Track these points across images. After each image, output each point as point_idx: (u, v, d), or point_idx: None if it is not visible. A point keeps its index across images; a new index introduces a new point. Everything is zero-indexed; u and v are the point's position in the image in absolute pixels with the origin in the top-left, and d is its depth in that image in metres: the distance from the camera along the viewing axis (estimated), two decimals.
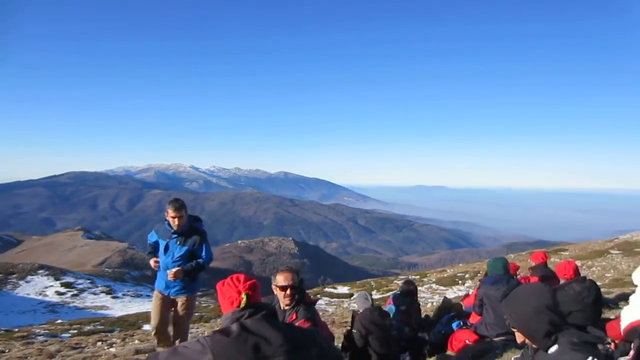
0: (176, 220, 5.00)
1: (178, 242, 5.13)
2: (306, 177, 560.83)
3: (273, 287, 3.79)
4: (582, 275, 5.42)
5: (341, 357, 2.63)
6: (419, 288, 21.88)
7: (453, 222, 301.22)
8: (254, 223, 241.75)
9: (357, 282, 31.98)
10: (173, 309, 5.30)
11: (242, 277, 2.32)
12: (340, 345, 5.09)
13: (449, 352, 5.22)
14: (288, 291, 3.69)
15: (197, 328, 14.27)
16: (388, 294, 21.25)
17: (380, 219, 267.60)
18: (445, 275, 26.71)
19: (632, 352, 3.00)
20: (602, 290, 12.02)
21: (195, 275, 5.25)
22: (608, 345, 4.00)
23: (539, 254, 7.53)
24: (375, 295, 23.32)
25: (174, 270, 4.94)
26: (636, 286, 3.17)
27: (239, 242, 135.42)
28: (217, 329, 2.20)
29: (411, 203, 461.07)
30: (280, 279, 3.72)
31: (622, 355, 3.17)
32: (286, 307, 3.76)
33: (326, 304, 22.23)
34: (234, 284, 2.26)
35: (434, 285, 23.26)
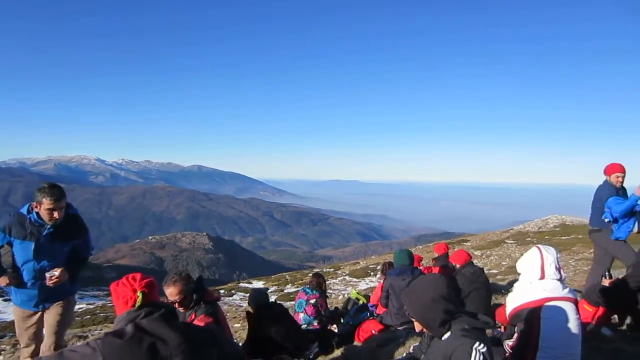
0: (55, 212, 3.78)
1: (55, 239, 3.94)
2: (221, 170, 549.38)
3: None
4: (472, 262, 6.17)
5: (243, 356, 2.56)
6: (333, 281, 22.51)
7: (366, 216, 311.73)
8: (166, 218, 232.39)
9: (273, 276, 31.95)
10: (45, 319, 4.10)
11: (138, 275, 2.20)
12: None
13: (356, 343, 5.38)
14: (176, 305, 3.60)
15: (101, 329, 13.43)
16: (300, 288, 21.49)
17: (296, 213, 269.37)
18: (358, 267, 27.48)
19: (515, 335, 3.27)
20: (498, 277, 13.13)
21: (78, 275, 4.22)
22: (499, 330, 4.37)
23: (441, 246, 8.04)
24: (290, 289, 23.46)
25: (57, 272, 3.82)
26: (519, 274, 3.45)
27: (150, 238, 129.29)
28: (110, 330, 2.06)
29: (326, 197, 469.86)
30: (167, 292, 3.61)
31: (508, 338, 3.46)
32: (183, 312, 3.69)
33: (241, 299, 21.97)
34: (129, 283, 2.14)
35: (347, 277, 23.84)
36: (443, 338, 2.48)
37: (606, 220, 5.53)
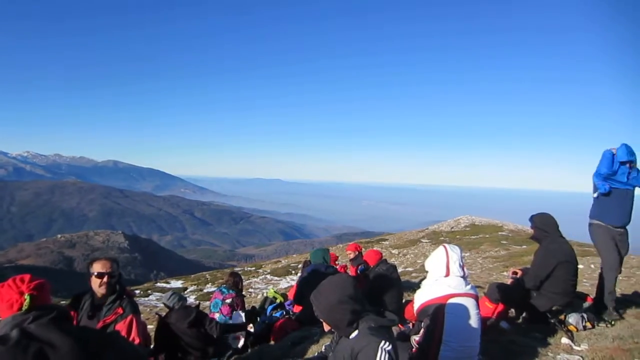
0: None
1: None
2: (139, 166, 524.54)
3: (88, 278, 3.48)
4: (385, 260, 6.42)
5: (143, 357, 2.39)
6: (254, 279, 22.31)
7: (288, 214, 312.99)
8: (76, 215, 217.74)
9: (192, 275, 30.96)
10: None
11: (27, 277, 2.06)
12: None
13: (271, 342, 5.36)
14: (105, 278, 3.40)
15: None
16: (215, 288, 21.09)
17: (218, 211, 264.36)
18: (279, 265, 27.41)
19: (422, 331, 3.42)
20: (413, 274, 13.71)
21: None
22: (409, 325, 4.55)
23: (353, 245, 8.26)
24: (210, 288, 22.92)
25: None
26: (427, 272, 3.62)
27: (59, 236, 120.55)
28: None
29: (249, 195, 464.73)
30: (98, 266, 3.43)
31: (415, 334, 3.61)
32: (102, 297, 3.45)
33: (157, 299, 21.09)
34: (15, 285, 1.99)
35: (268, 276, 23.71)
36: (350, 337, 2.54)
37: (595, 195, 5.18)
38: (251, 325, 6.44)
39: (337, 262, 7.43)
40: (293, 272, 24.05)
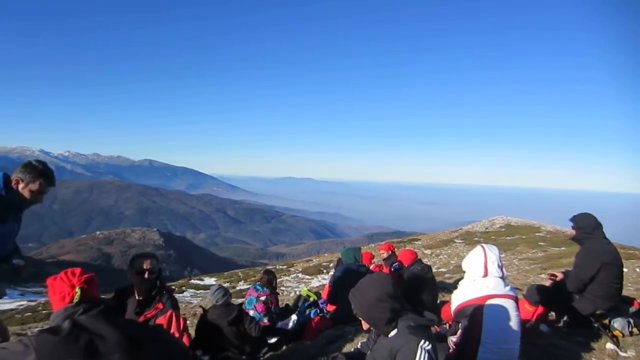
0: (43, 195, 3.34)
1: (16, 221, 3.49)
2: (173, 165, 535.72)
3: (129, 274, 3.56)
4: (420, 259, 6.33)
5: (187, 353, 2.47)
6: (285, 278, 22.44)
7: (319, 213, 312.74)
8: (114, 213, 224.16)
9: (225, 273, 31.48)
10: None
11: (77, 270, 2.13)
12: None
13: (305, 340, 5.38)
14: (145, 275, 3.48)
15: (42, 327, 12.78)
16: (250, 285, 21.28)
17: (250, 209, 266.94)
18: (311, 264, 27.49)
19: (459, 332, 3.37)
20: (446, 275, 13.51)
21: None
22: (445, 326, 4.49)
23: (386, 245, 8.19)
24: (243, 285, 23.20)
25: (22, 262, 3.52)
26: (465, 272, 3.56)
27: (98, 233, 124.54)
28: (45, 327, 1.98)
29: (280, 194, 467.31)
30: (138, 263, 3.52)
31: (452, 335, 3.56)
32: (142, 292, 3.54)
33: (191, 295, 21.52)
34: (67, 278, 2.06)
35: (300, 275, 23.81)
36: (389, 335, 2.52)
37: None
38: (285, 322, 6.48)
39: (372, 261, 7.38)
40: (324, 271, 24.07)
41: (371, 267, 6.72)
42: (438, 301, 6.16)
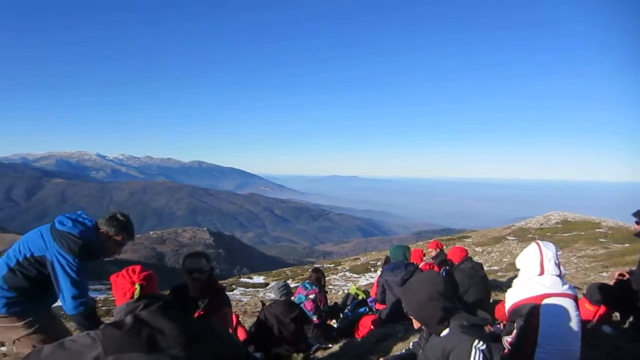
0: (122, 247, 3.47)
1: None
2: (221, 166, 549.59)
3: (182, 273, 3.68)
4: (470, 257, 6.15)
5: (241, 349, 2.57)
6: (333, 276, 22.47)
7: (366, 211, 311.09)
8: (166, 213, 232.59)
9: (273, 271, 31.87)
10: None
11: (137, 268, 2.25)
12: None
13: (354, 338, 5.37)
14: (195, 274, 3.59)
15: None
16: (299, 283, 21.43)
17: (296, 208, 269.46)
18: (358, 263, 27.35)
19: (514, 332, 3.25)
20: (499, 273, 13.10)
21: None
22: (498, 326, 4.35)
23: (434, 243, 8.03)
24: (291, 284, 23.39)
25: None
26: (519, 270, 3.43)
27: (151, 233, 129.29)
28: (110, 321, 2.12)
29: (326, 193, 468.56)
30: (189, 262, 3.64)
31: (507, 335, 3.44)
32: (195, 290, 3.64)
33: (241, 293, 21.91)
34: (128, 275, 2.19)
35: (347, 273, 23.73)
36: (442, 335, 2.47)
37: None
38: (334, 320, 6.50)
39: (422, 259, 7.25)
40: (372, 269, 23.90)
41: (421, 265, 6.60)
42: (491, 300, 5.98)
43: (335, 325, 6.24)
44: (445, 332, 2.46)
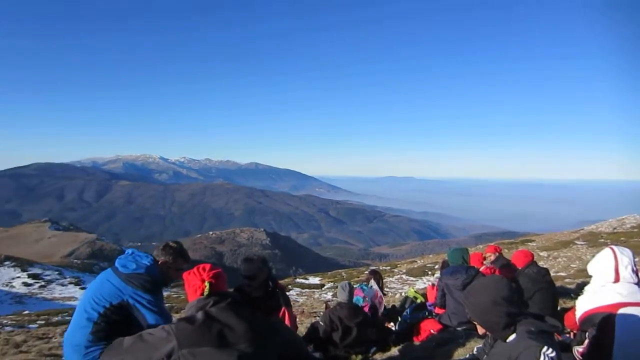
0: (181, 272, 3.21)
1: None
2: (277, 167, 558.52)
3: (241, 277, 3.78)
4: (536, 262, 5.88)
5: (304, 348, 2.66)
6: (389, 279, 22.25)
7: (423, 213, 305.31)
8: (224, 214, 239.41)
9: (329, 272, 32.07)
10: None
11: (207, 266, 2.40)
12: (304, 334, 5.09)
13: (414, 342, 5.29)
14: (247, 280, 3.68)
15: None
16: (356, 285, 21.35)
17: (351, 209, 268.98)
18: (415, 266, 26.97)
19: (586, 342, 3.08)
20: (567, 280, 12.42)
21: None
22: (568, 335, 4.14)
23: (492, 247, 7.74)
24: None
25: None
26: (591, 277, 3.25)
27: (210, 233, 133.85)
28: (182, 316, 2.24)
29: (382, 194, 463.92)
30: (244, 268, 3.73)
31: (578, 345, 3.26)
32: (256, 294, 3.72)
33: (297, 294, 22.23)
34: (198, 273, 2.33)
35: (404, 276, 23.47)
36: (507, 340, 2.39)
37: None
38: (392, 323, 6.42)
39: (483, 263, 7.00)
40: (429, 272, 23.49)
41: (481, 269, 6.37)
42: (558, 308, 5.70)
43: (393, 328, 6.17)
44: (511, 338, 2.38)
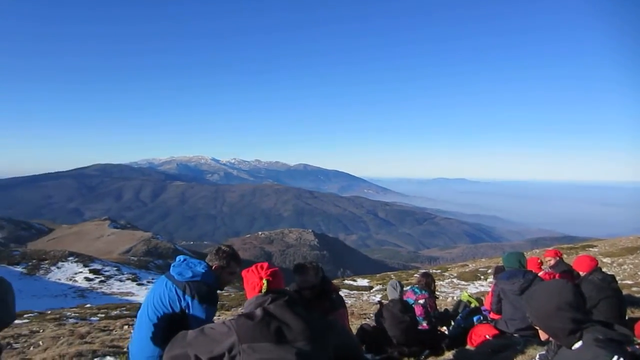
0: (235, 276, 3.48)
1: None
2: (325, 169, 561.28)
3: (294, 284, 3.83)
4: (600, 268, 5.56)
5: (358, 349, 2.67)
6: (439, 282, 21.81)
7: (475, 216, 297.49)
8: (273, 215, 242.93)
9: (377, 275, 31.81)
10: None
11: (265, 264, 2.49)
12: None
13: (468, 347, 5.14)
14: (312, 290, 3.74)
15: (219, 316, 14.47)
16: (407, 287, 21.07)
17: (401, 211, 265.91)
18: (467, 270, 26.31)
19: None
20: (634, 289, 11.71)
21: None
22: (637, 346, 3.89)
23: (552, 251, 7.41)
24: None
25: None
26: None
27: (260, 233, 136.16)
28: (242, 312, 2.31)
29: (432, 196, 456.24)
30: (303, 280, 3.79)
31: None
32: (311, 296, 3.78)
33: (345, 295, 22.18)
34: (256, 271, 2.42)
35: (455, 280, 22.97)
36: (573, 348, 2.27)
37: None
38: (444, 327, 6.29)
39: (542, 268, 6.71)
40: (482, 277, 22.85)
41: (540, 274, 6.10)
42: (627, 317, 5.36)
43: (446, 332, 6.04)
44: (577, 345, 2.26)
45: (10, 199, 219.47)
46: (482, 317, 5.84)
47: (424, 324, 5.77)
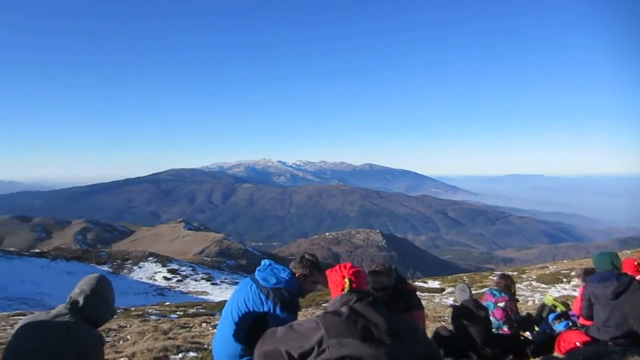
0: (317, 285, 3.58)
1: None
2: (391, 168, 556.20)
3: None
4: None
5: (436, 350, 2.59)
6: (517, 285, 20.75)
7: (553, 214, 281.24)
8: (340, 215, 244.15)
9: (449, 276, 30.88)
10: None
11: (348, 264, 2.57)
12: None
13: (556, 354, 4.79)
14: (387, 291, 3.66)
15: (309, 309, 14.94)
16: (483, 290, 20.24)
17: (471, 210, 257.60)
18: (547, 272, 24.87)
19: None
20: None
21: None
22: None
23: None
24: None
25: None
26: None
27: (327, 234, 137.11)
28: (328, 310, 2.39)
29: (504, 193, 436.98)
30: (377, 281, 3.74)
31: None
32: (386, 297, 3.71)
33: None
34: (339, 270, 2.51)
35: (534, 283, 21.74)
36: None
37: None
38: (527, 332, 5.91)
39: (639, 271, 6.10)
40: (564, 280, 21.47)
41: (638, 277, 5.54)
42: None
43: (530, 338, 5.67)
44: None
45: (96, 203, 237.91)
46: (570, 323, 5.43)
47: (505, 328, 5.47)
